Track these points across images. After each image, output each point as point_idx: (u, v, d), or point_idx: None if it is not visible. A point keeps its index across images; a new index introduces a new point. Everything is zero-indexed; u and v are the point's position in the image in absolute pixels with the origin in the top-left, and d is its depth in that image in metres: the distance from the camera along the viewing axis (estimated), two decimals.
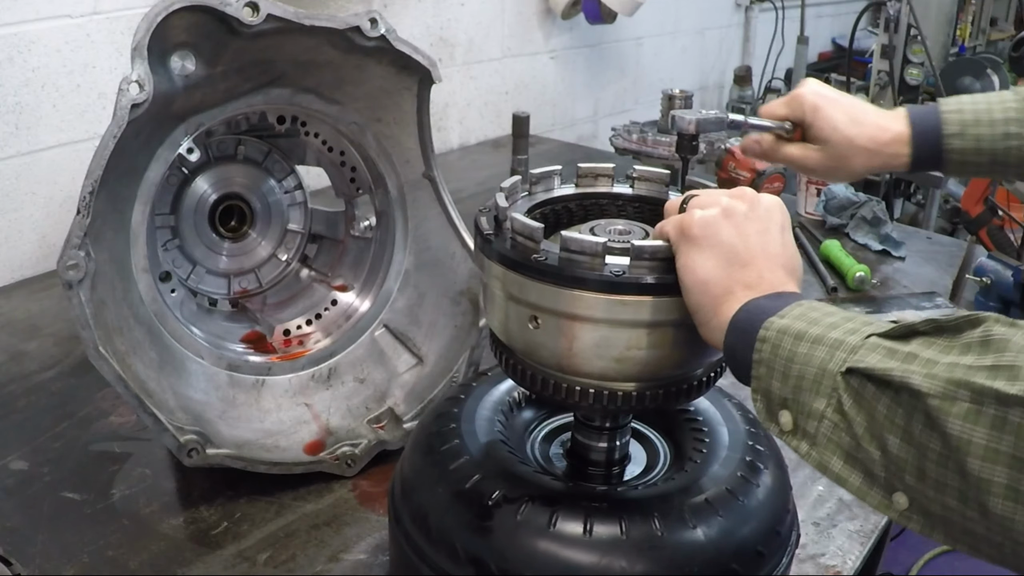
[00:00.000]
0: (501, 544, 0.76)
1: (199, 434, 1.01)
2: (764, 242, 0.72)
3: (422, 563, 0.81)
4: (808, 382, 0.62)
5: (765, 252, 0.72)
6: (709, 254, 0.71)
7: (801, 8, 3.64)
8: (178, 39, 0.95)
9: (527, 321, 0.75)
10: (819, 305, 0.66)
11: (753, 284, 0.70)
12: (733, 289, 0.70)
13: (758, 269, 0.71)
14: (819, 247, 1.86)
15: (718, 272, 0.70)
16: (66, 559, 0.97)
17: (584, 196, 0.90)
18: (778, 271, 0.71)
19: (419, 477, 0.85)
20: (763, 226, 0.73)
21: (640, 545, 0.75)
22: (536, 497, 0.78)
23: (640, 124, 2.25)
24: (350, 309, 1.30)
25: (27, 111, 1.62)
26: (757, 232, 0.72)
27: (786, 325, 0.65)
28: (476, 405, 0.91)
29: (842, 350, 0.61)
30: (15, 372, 1.33)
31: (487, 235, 0.78)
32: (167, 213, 1.19)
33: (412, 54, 1.10)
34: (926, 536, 0.59)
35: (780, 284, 0.70)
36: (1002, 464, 0.51)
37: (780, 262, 0.72)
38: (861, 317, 0.64)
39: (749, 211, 0.73)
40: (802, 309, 0.66)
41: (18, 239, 1.67)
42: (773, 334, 0.65)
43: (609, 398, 0.76)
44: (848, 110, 1.06)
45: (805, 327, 0.64)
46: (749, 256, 0.71)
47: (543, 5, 2.73)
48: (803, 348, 0.63)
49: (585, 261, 0.72)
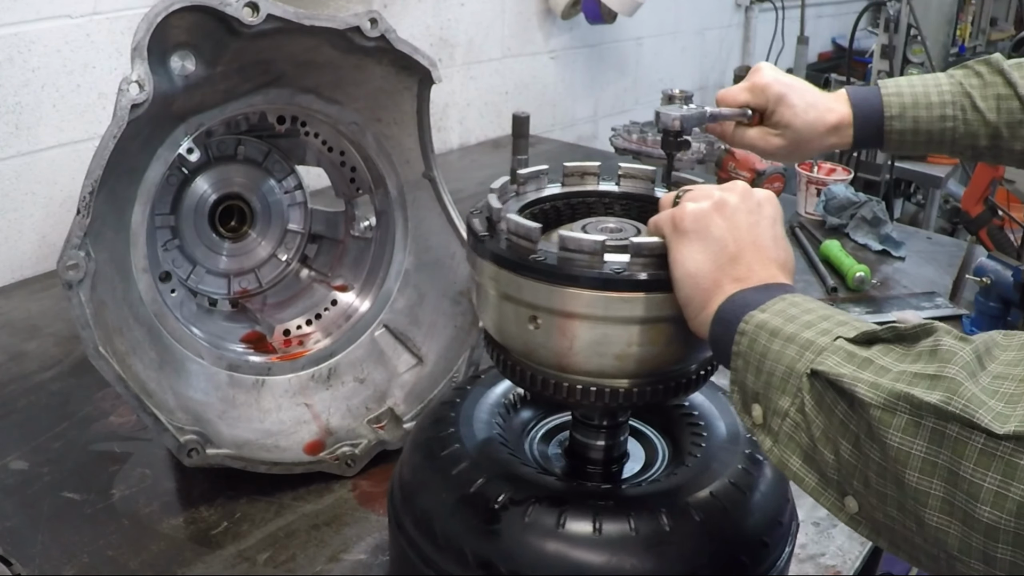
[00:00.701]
0: (510, 547, 0.76)
1: (199, 434, 1.01)
2: (755, 235, 0.72)
3: (428, 568, 0.81)
4: (777, 379, 0.62)
5: (755, 245, 0.71)
6: (699, 247, 0.71)
7: (801, 8, 3.64)
8: (178, 39, 0.95)
9: (526, 322, 0.75)
10: (801, 300, 0.66)
11: (742, 277, 0.70)
12: (722, 282, 0.70)
13: (747, 262, 0.70)
14: (819, 247, 1.86)
15: (708, 265, 0.70)
16: (66, 559, 0.97)
17: (572, 195, 0.90)
18: (768, 264, 0.71)
19: (420, 482, 0.85)
20: (754, 219, 0.73)
21: (650, 542, 0.75)
22: (542, 498, 0.78)
23: (640, 124, 2.25)
24: (350, 309, 1.30)
25: (27, 111, 1.62)
26: (748, 225, 0.72)
27: (764, 320, 0.65)
28: (473, 407, 0.91)
29: (811, 351, 0.61)
30: (15, 372, 1.33)
31: (481, 236, 0.78)
32: (167, 213, 1.19)
33: (412, 54, 1.10)
34: (873, 542, 0.60)
35: (769, 277, 0.70)
36: (939, 478, 0.51)
37: (771, 255, 0.72)
38: (839, 316, 0.64)
39: (740, 204, 0.73)
40: (784, 304, 0.65)
41: (18, 239, 1.67)
42: (751, 328, 0.65)
43: (611, 396, 0.76)
44: (803, 95, 1.11)
45: (781, 324, 0.64)
46: (738, 249, 0.71)
47: (543, 5, 2.73)
48: (776, 345, 0.63)
49: (584, 260, 0.72)
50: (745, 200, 0.74)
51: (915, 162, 3.10)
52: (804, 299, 0.66)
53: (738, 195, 0.74)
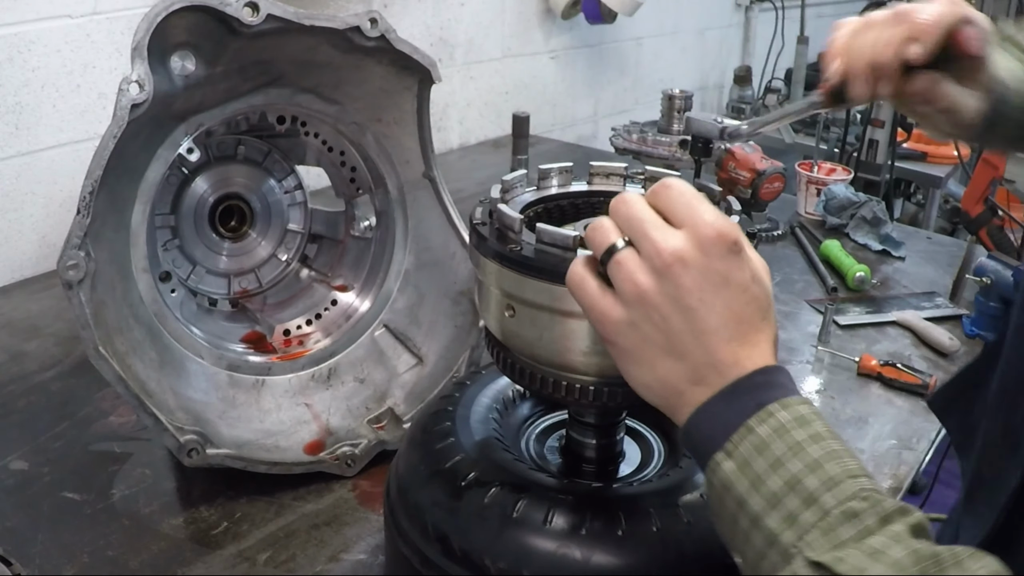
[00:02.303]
0: (496, 541, 0.76)
1: (199, 434, 1.01)
2: (691, 320, 0.59)
3: (417, 559, 0.81)
4: (749, 563, 0.57)
5: (696, 333, 0.59)
6: (635, 359, 0.62)
7: (801, 8, 3.64)
8: (178, 39, 0.95)
9: (503, 309, 0.76)
10: (772, 439, 0.56)
11: (698, 379, 0.60)
12: (680, 388, 0.61)
13: (692, 362, 0.60)
14: (819, 247, 1.87)
15: (653, 377, 0.62)
16: (66, 559, 0.97)
17: (593, 194, 0.90)
18: (719, 351, 0.59)
19: (414, 475, 0.85)
20: (704, 293, 0.59)
21: (637, 541, 0.75)
22: (532, 494, 0.78)
23: (640, 124, 2.25)
24: (350, 309, 1.30)
25: (27, 111, 1.62)
26: (680, 310, 0.59)
27: (728, 479, 0.57)
28: (471, 403, 0.91)
29: (777, 550, 0.54)
30: (15, 372, 1.33)
31: (475, 223, 0.80)
32: (167, 213, 1.19)
33: (412, 54, 1.10)
34: None
35: (727, 367, 0.59)
36: None
37: (723, 336, 0.59)
38: (809, 482, 0.55)
39: (662, 286, 0.59)
40: (751, 446, 0.57)
41: (18, 239, 1.67)
42: (717, 482, 0.58)
43: (609, 395, 0.76)
44: None
45: (745, 493, 0.56)
46: (680, 348, 0.60)
47: (543, 5, 2.73)
48: (743, 523, 0.57)
49: (557, 253, 0.72)
50: (667, 274, 0.59)
51: (915, 162, 3.10)
52: (771, 437, 0.57)
53: (657, 270, 0.59)
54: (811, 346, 1.51)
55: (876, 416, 1.32)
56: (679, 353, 0.60)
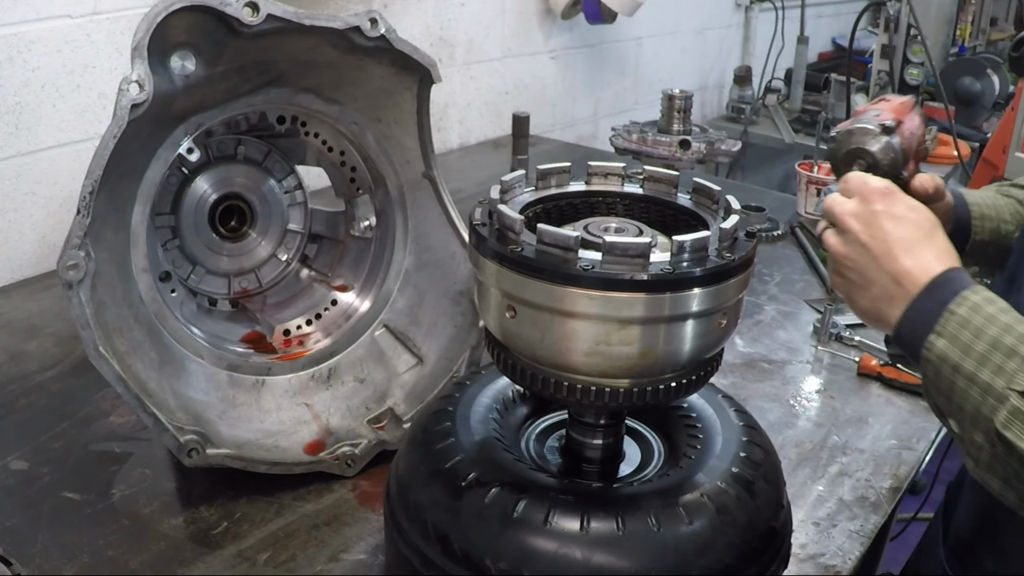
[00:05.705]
0: (496, 541, 0.76)
1: (199, 434, 1.01)
2: (884, 244, 0.81)
3: (417, 559, 0.81)
4: (968, 416, 0.74)
5: (888, 254, 0.80)
6: (852, 284, 0.85)
7: (801, 8, 3.64)
8: (178, 39, 0.95)
9: (504, 310, 0.76)
10: (971, 315, 0.74)
11: (896, 291, 0.80)
12: (890, 295, 0.80)
13: (890, 277, 0.80)
14: (819, 247, 1.87)
15: (866, 300, 0.83)
16: (66, 559, 0.97)
17: (592, 193, 0.90)
18: (904, 259, 0.80)
19: (414, 475, 0.85)
20: (872, 229, 0.82)
21: (637, 541, 0.75)
22: (532, 494, 0.78)
23: (640, 124, 2.25)
24: (350, 309, 1.30)
25: (27, 111, 1.62)
26: (872, 238, 0.82)
27: (943, 352, 0.75)
28: (471, 403, 0.91)
29: (992, 396, 0.71)
30: (15, 372, 1.33)
31: (476, 224, 0.80)
32: (167, 213, 1.19)
33: (412, 54, 1.10)
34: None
35: (921, 273, 0.79)
36: None
37: (903, 247, 0.80)
38: (1007, 340, 0.72)
39: (859, 226, 0.83)
40: (956, 323, 0.75)
41: (18, 239, 1.67)
42: (934, 358, 0.76)
43: (610, 395, 0.76)
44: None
45: (959, 358, 0.74)
46: (875, 270, 0.81)
47: (543, 5, 2.73)
48: (960, 383, 0.74)
49: (558, 254, 0.72)
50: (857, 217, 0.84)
51: None
52: (971, 313, 0.75)
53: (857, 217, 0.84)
54: (811, 346, 1.51)
55: (876, 416, 1.32)
56: (871, 277, 0.82)
